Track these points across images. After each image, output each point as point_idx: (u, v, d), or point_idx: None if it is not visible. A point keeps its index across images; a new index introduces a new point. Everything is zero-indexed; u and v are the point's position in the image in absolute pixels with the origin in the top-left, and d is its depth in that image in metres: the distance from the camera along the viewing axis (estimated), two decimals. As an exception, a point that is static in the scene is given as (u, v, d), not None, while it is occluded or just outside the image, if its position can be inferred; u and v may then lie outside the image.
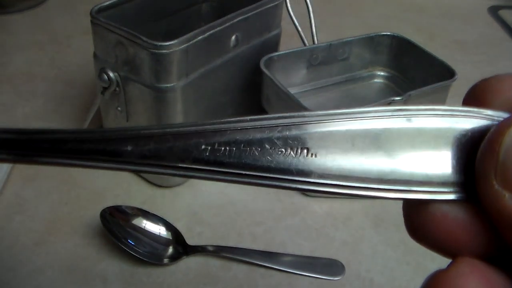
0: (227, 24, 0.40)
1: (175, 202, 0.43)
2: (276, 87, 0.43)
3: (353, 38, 0.50)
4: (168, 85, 0.37)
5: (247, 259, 0.38)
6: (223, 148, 0.16)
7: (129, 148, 0.16)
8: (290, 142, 0.16)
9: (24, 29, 0.67)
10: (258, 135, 0.16)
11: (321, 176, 0.15)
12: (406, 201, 0.17)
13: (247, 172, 0.16)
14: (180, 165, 0.16)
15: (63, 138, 0.17)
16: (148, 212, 0.39)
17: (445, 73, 0.45)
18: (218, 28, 0.39)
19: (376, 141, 0.16)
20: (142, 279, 0.36)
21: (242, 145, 0.16)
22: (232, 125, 0.16)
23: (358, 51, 0.51)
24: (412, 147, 0.15)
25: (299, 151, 0.16)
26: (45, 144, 0.17)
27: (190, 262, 0.38)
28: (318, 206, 0.43)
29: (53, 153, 0.17)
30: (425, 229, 0.16)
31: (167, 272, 0.37)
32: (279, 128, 0.16)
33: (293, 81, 0.50)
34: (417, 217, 0.16)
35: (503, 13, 0.80)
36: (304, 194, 0.44)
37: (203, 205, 0.43)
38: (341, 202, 0.44)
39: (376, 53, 0.52)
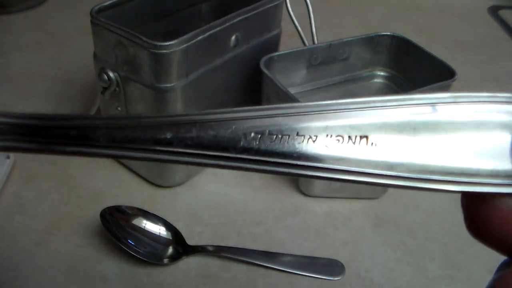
0: (227, 24, 0.40)
1: (175, 202, 0.43)
2: (276, 87, 0.43)
3: (353, 38, 0.50)
4: (168, 85, 0.37)
5: (247, 259, 0.38)
6: (275, 136, 0.14)
7: (168, 135, 0.14)
8: (349, 129, 0.14)
9: (24, 29, 0.66)
10: (313, 122, 0.14)
11: (381, 167, 0.14)
12: (468, 195, 0.16)
13: (302, 163, 0.14)
14: (225, 154, 0.14)
15: (93, 124, 0.15)
16: (148, 212, 0.39)
17: (445, 73, 0.45)
18: (218, 28, 0.39)
19: (437, 130, 0.14)
20: (142, 279, 0.36)
21: (297, 133, 0.14)
22: (284, 111, 0.14)
23: (358, 51, 0.51)
24: (476, 137, 0.14)
25: (358, 139, 0.14)
26: (73, 131, 0.15)
27: (190, 262, 0.38)
28: (318, 206, 0.43)
29: (81, 141, 0.15)
30: (489, 225, 0.15)
31: (167, 272, 0.37)
32: (336, 115, 0.14)
33: (293, 81, 0.50)
34: (481, 212, 0.15)
35: (503, 13, 0.80)
36: (303, 194, 0.44)
37: (203, 205, 0.43)
38: (341, 202, 0.44)
39: (376, 53, 0.52)
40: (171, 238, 0.38)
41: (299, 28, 0.51)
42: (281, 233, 0.41)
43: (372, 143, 0.14)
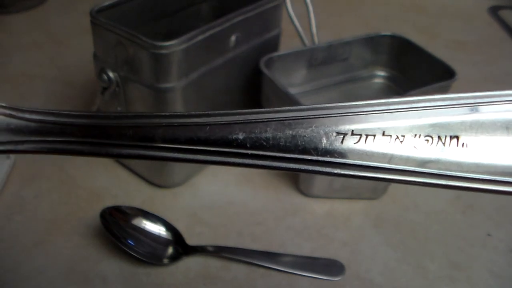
0: (227, 24, 0.40)
1: (175, 202, 0.43)
2: (276, 87, 0.43)
3: (353, 38, 0.50)
4: (168, 85, 0.37)
5: (247, 260, 0.38)
6: (359, 137, 0.13)
7: (240, 136, 0.13)
8: (438, 129, 0.13)
9: (24, 29, 0.66)
10: (400, 121, 0.13)
11: (475, 170, 0.13)
12: None
13: (390, 166, 0.13)
14: (302, 157, 0.13)
15: (151, 123, 0.13)
16: (148, 212, 0.39)
17: (445, 73, 0.45)
18: (218, 28, 0.39)
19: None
20: (142, 279, 0.36)
21: (383, 132, 0.13)
22: (366, 108, 0.13)
23: (358, 51, 0.51)
24: None
25: (448, 140, 0.13)
26: (129, 131, 0.13)
27: (190, 263, 0.38)
28: (318, 206, 0.43)
29: (139, 142, 0.13)
30: None
31: (166, 272, 0.37)
32: (425, 113, 0.13)
33: (293, 81, 0.50)
34: None
35: (503, 13, 0.80)
36: (303, 194, 0.44)
37: (203, 205, 0.43)
38: (341, 202, 0.44)
39: (376, 53, 0.52)
40: (171, 238, 0.38)
41: (299, 28, 0.51)
42: (281, 233, 0.41)
43: (463, 144, 0.13)
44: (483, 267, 0.39)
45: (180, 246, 0.38)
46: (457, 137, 0.13)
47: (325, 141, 0.13)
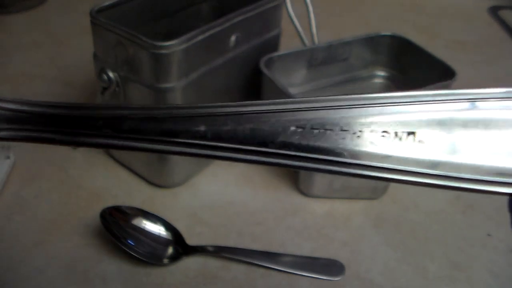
0: (227, 24, 0.40)
1: (175, 202, 0.43)
2: (276, 87, 0.43)
3: (353, 38, 0.50)
4: (168, 85, 0.37)
5: (247, 259, 0.38)
6: (318, 131, 0.13)
7: (202, 128, 0.13)
8: (394, 125, 0.13)
9: (24, 29, 0.66)
10: (357, 117, 0.13)
11: (432, 166, 0.13)
12: None
13: (346, 160, 0.13)
14: (262, 149, 0.13)
15: (121, 115, 0.14)
16: (148, 212, 0.39)
17: (445, 73, 0.45)
18: (218, 28, 0.39)
19: (488, 127, 0.13)
20: (141, 279, 0.36)
21: (340, 127, 0.13)
22: (326, 103, 0.13)
23: (358, 51, 0.51)
24: None
25: (405, 136, 0.13)
26: (100, 121, 0.14)
27: (189, 263, 0.38)
28: (318, 206, 0.43)
29: (107, 132, 0.14)
30: None
31: (166, 273, 0.37)
32: (383, 109, 0.13)
33: (293, 81, 0.50)
34: None
35: (503, 13, 0.80)
36: (303, 194, 0.44)
37: (203, 205, 0.43)
38: (341, 202, 0.44)
39: (376, 53, 0.52)
40: (171, 238, 0.38)
41: (299, 28, 0.51)
42: (281, 233, 0.41)
43: (419, 140, 0.13)
44: (483, 267, 0.39)
45: (180, 246, 0.38)
46: (414, 133, 0.13)
47: (283, 134, 0.13)
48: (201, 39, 0.38)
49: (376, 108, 0.13)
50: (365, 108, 0.13)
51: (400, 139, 0.13)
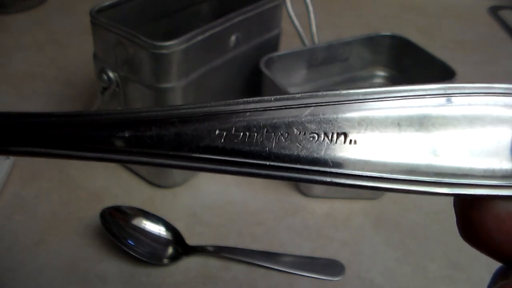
0: (227, 24, 0.40)
1: (175, 202, 0.43)
2: (276, 87, 0.43)
3: (353, 38, 0.50)
4: (168, 85, 0.37)
5: (247, 260, 0.38)
6: (241, 134, 0.13)
7: (126, 134, 0.13)
8: (324, 126, 0.13)
9: (24, 29, 0.66)
10: (285, 118, 0.13)
11: (363, 167, 0.13)
12: (461, 198, 0.14)
13: (272, 163, 0.13)
14: (188, 154, 0.13)
15: (46, 122, 0.14)
16: (148, 212, 0.39)
17: (445, 73, 0.45)
18: (218, 28, 0.39)
19: (424, 125, 0.13)
20: (141, 279, 0.36)
21: (265, 129, 0.13)
22: (252, 105, 0.13)
23: (358, 51, 0.51)
24: (469, 133, 0.13)
25: (335, 137, 0.13)
26: (27, 130, 0.14)
27: (190, 263, 0.38)
28: (318, 206, 0.43)
29: (33, 140, 0.14)
30: (484, 231, 0.13)
31: (166, 273, 0.37)
32: (310, 109, 0.13)
33: (293, 81, 0.50)
34: (475, 216, 0.14)
35: (503, 13, 0.80)
36: (303, 194, 0.44)
37: (203, 205, 0.43)
38: (341, 202, 0.44)
39: (376, 53, 0.52)
40: (171, 238, 0.38)
41: (299, 28, 0.51)
42: (281, 233, 0.41)
43: (351, 141, 0.13)
44: (483, 267, 0.39)
45: (180, 246, 0.38)
46: (345, 134, 0.13)
47: (207, 138, 0.13)
48: (201, 39, 0.38)
49: (305, 108, 0.13)
50: (292, 109, 0.13)
51: (330, 140, 0.13)
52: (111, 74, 0.39)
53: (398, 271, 0.38)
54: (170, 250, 0.38)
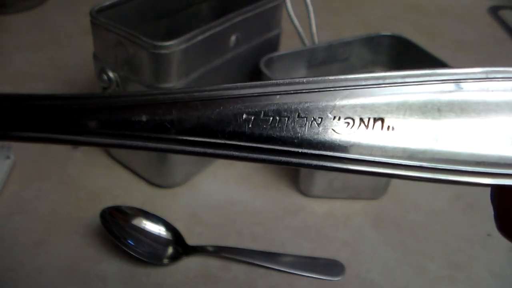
0: (227, 24, 0.40)
1: (175, 202, 0.43)
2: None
3: (353, 38, 0.50)
4: (168, 85, 0.37)
5: (247, 260, 0.38)
6: (271, 118, 0.12)
7: (143, 118, 0.12)
8: (360, 110, 0.12)
9: (24, 29, 0.66)
10: (318, 102, 0.12)
11: (401, 155, 0.12)
12: (500, 188, 0.13)
13: (304, 151, 0.12)
14: (212, 140, 0.12)
15: (55, 105, 0.13)
16: (148, 212, 0.39)
17: (445, 73, 0.45)
18: (218, 28, 0.39)
19: (466, 111, 0.12)
20: (141, 279, 0.36)
21: (297, 114, 0.12)
22: (282, 87, 0.12)
23: (358, 51, 0.51)
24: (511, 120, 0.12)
25: (371, 122, 0.12)
26: (33, 112, 0.13)
27: (190, 263, 0.38)
28: (318, 206, 0.43)
29: (41, 125, 0.13)
30: None
31: (166, 273, 0.37)
32: (345, 92, 0.12)
33: (293, 81, 0.50)
34: None
35: (503, 13, 0.80)
36: (303, 194, 0.44)
37: (203, 205, 0.43)
38: (341, 202, 0.44)
39: (376, 53, 0.52)
40: (171, 238, 0.38)
41: (299, 28, 0.51)
42: (281, 233, 0.41)
43: (388, 127, 0.12)
44: (483, 267, 0.39)
45: (180, 246, 0.38)
46: (382, 120, 0.12)
47: (233, 123, 0.12)
48: (201, 39, 0.38)
49: (340, 91, 0.12)
50: (325, 92, 0.12)
51: (367, 126, 0.12)
52: (111, 74, 0.39)
53: (398, 271, 0.38)
54: (170, 250, 0.38)
